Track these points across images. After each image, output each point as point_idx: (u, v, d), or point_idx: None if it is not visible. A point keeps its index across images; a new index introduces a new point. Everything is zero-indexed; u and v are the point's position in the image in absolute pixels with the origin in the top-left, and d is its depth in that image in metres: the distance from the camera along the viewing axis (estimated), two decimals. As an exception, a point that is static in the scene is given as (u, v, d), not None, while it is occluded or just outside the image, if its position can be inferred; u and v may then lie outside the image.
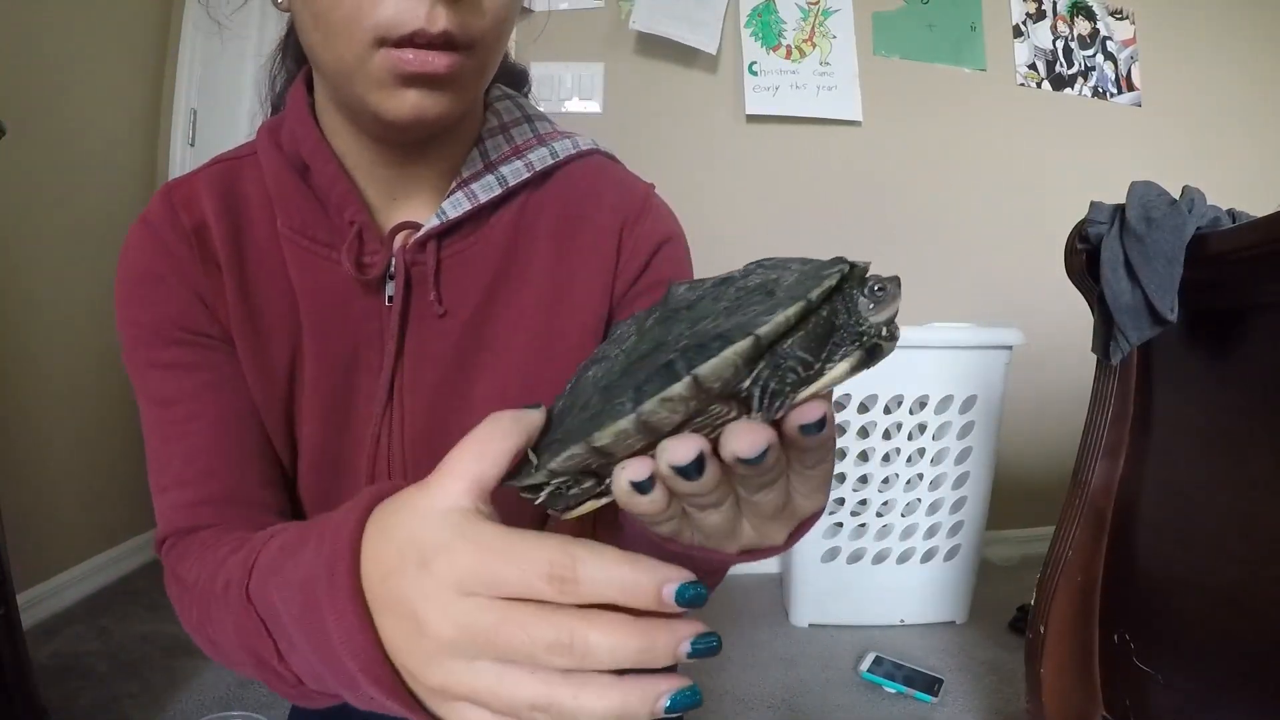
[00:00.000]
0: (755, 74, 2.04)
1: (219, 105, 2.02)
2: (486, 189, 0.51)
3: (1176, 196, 0.95)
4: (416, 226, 0.50)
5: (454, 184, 0.51)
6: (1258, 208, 0.93)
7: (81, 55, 1.68)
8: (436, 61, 0.39)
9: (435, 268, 0.50)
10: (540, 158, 0.53)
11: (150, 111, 1.98)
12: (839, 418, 1.66)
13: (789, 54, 2.06)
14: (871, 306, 0.28)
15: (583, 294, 0.53)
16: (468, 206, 0.50)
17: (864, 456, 1.70)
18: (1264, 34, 2.41)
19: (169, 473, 0.47)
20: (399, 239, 0.50)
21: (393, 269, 0.50)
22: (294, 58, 0.58)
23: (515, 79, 0.64)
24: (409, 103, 0.41)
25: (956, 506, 1.75)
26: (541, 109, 0.59)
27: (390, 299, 0.50)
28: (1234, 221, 0.93)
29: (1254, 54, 2.41)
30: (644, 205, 0.55)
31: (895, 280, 0.29)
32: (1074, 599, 1.09)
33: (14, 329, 1.54)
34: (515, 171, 0.52)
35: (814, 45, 2.07)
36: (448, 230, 0.50)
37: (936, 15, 2.15)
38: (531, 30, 2.03)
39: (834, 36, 2.08)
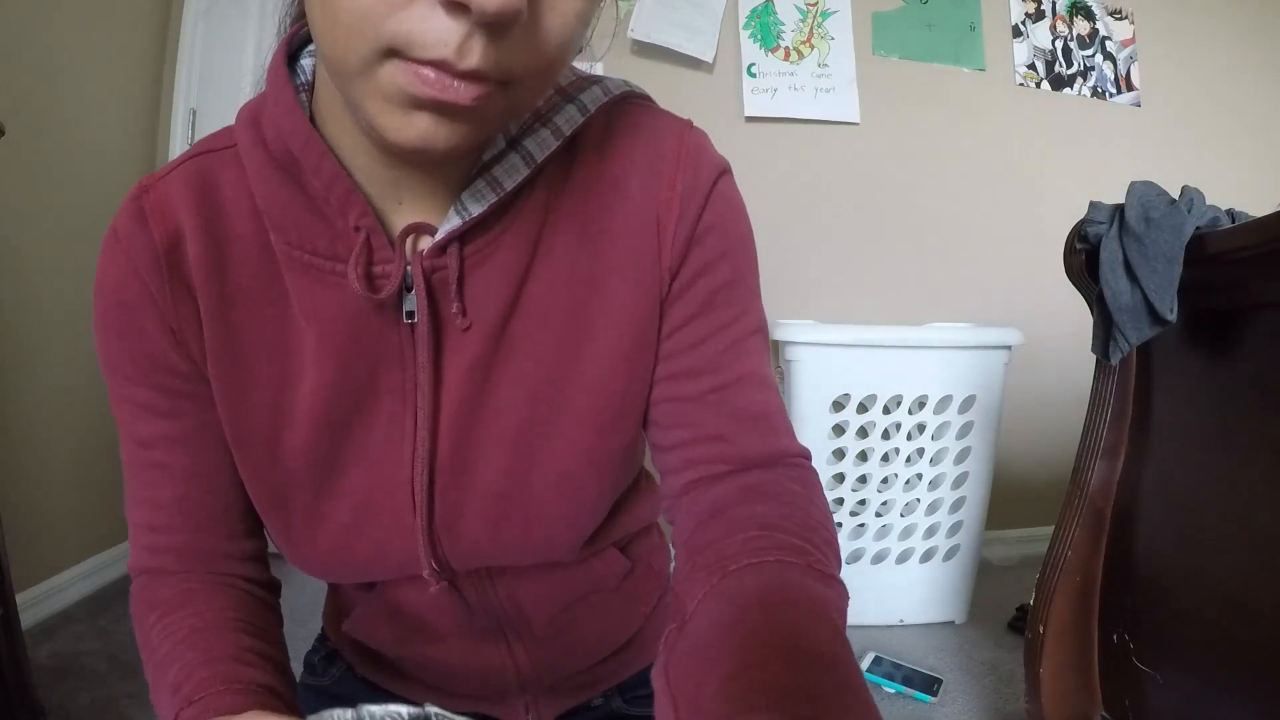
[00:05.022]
0: (754, 76, 2.04)
1: (219, 105, 2.02)
2: (511, 173, 0.42)
3: (1176, 196, 0.95)
4: (430, 229, 0.42)
5: (474, 169, 0.42)
6: (1257, 208, 0.93)
7: (81, 55, 1.68)
8: (461, 91, 0.31)
9: (458, 274, 0.42)
10: (568, 119, 0.44)
11: (150, 111, 1.98)
12: (838, 417, 1.66)
13: (787, 56, 2.06)
14: None
15: (616, 281, 0.45)
16: (492, 198, 0.42)
17: (863, 456, 1.70)
18: (1263, 34, 2.41)
19: (137, 512, 0.48)
20: (410, 241, 0.43)
21: (410, 280, 0.42)
22: None
23: None
24: (416, 129, 0.33)
25: (955, 506, 1.75)
26: None
27: (409, 314, 0.43)
28: (1233, 221, 0.93)
29: (1253, 54, 2.41)
30: (678, 154, 0.46)
31: None
32: (1073, 599, 1.09)
33: (13, 329, 1.54)
34: (542, 143, 0.43)
35: (812, 47, 2.07)
36: (470, 228, 0.42)
37: (936, 15, 2.15)
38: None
39: (832, 38, 2.08)
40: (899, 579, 1.76)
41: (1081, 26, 2.28)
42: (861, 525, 1.74)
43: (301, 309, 0.43)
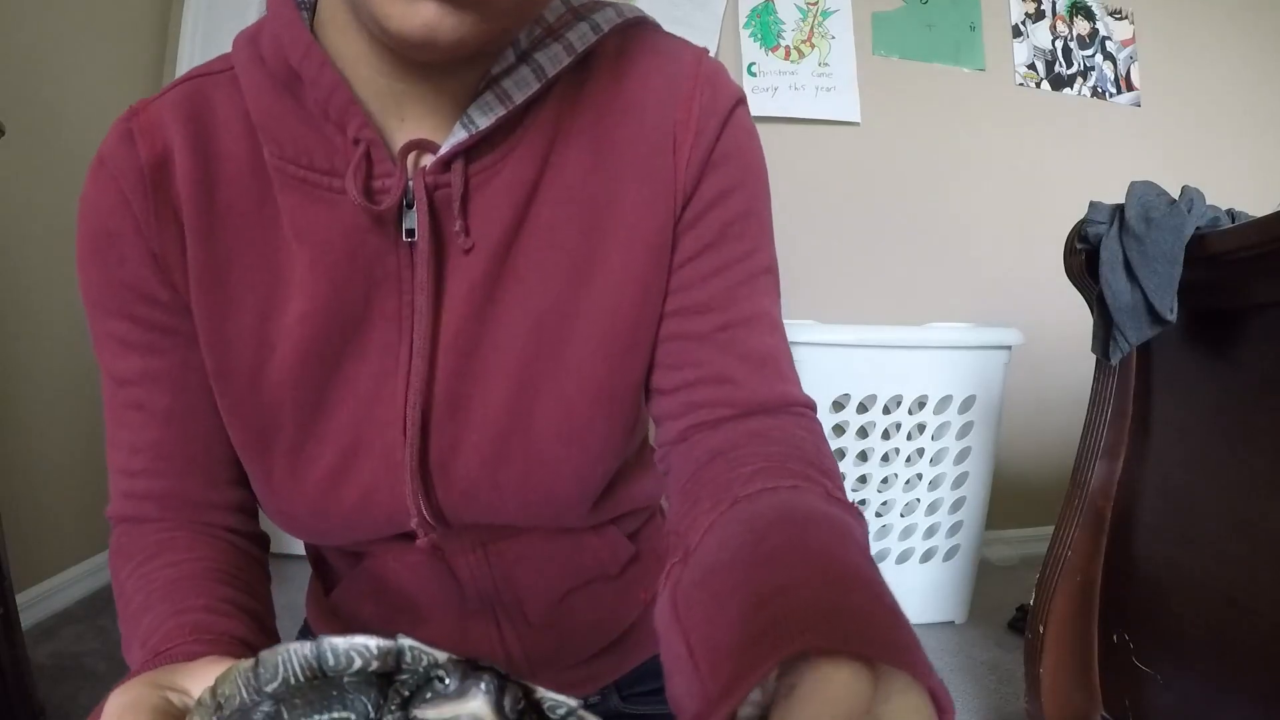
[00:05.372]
0: (754, 75, 2.04)
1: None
2: (521, 86, 0.40)
3: (1176, 196, 0.95)
4: (433, 146, 0.41)
5: (482, 83, 0.41)
6: (1257, 208, 0.93)
7: (81, 55, 1.68)
8: None
9: (463, 192, 0.41)
10: (580, 36, 0.42)
11: (149, 111, 1.98)
12: (838, 417, 1.66)
13: (788, 55, 2.06)
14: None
15: (630, 203, 0.43)
16: (501, 111, 0.40)
17: (863, 456, 1.70)
18: (1263, 34, 2.41)
19: (117, 456, 0.46)
20: (412, 157, 0.42)
21: (411, 196, 0.40)
22: None
23: None
24: (421, 16, 0.32)
25: (956, 506, 1.75)
26: None
27: (408, 233, 0.41)
28: (1233, 221, 0.93)
29: (1253, 54, 2.41)
30: (695, 76, 0.44)
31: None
32: (1073, 599, 1.09)
33: (12, 328, 1.54)
34: (553, 58, 0.41)
35: (813, 46, 2.08)
36: (475, 144, 0.40)
37: (936, 15, 2.15)
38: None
39: (833, 37, 2.08)
40: (899, 579, 1.76)
41: (1081, 26, 2.28)
42: (861, 525, 1.74)
43: (293, 229, 0.41)
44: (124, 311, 0.43)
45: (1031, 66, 2.23)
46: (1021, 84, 2.22)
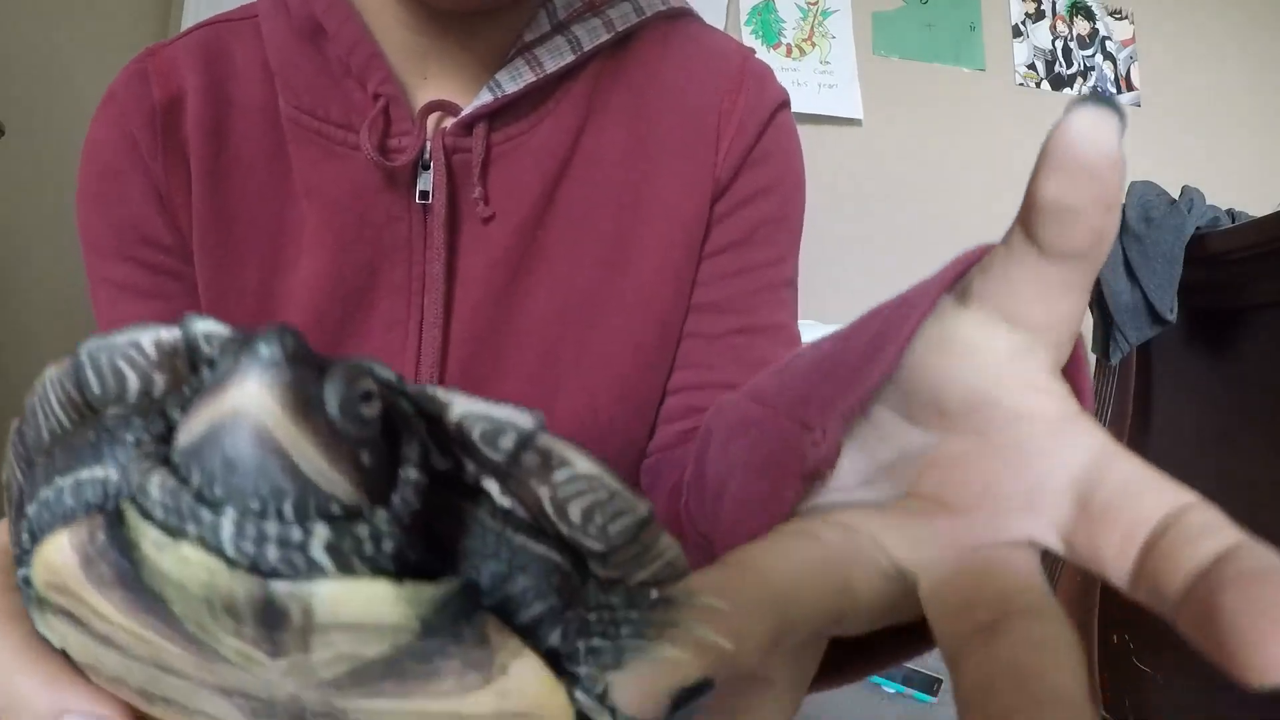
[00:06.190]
0: (755, 74, 2.05)
1: (218, 105, 2.02)
2: (555, 55, 0.39)
3: (1176, 196, 0.95)
4: (455, 108, 0.39)
5: (513, 49, 0.40)
6: (1257, 208, 0.93)
7: (81, 55, 1.68)
8: None
9: (483, 158, 0.39)
10: (622, 15, 0.41)
11: (149, 111, 1.98)
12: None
13: (789, 52, 2.07)
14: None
15: (667, 190, 0.42)
16: (530, 78, 0.39)
17: (863, 456, 1.70)
18: (1264, 35, 2.41)
19: None
20: (433, 120, 0.40)
21: (428, 157, 0.39)
22: None
23: None
24: None
25: (956, 506, 1.75)
26: None
27: (422, 195, 0.39)
28: (1233, 221, 0.93)
29: (1254, 54, 2.41)
30: (742, 71, 0.43)
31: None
32: (1073, 599, 1.10)
33: (13, 328, 1.54)
34: (592, 32, 0.40)
35: (813, 45, 2.08)
36: (501, 110, 0.39)
37: (936, 15, 2.15)
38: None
39: (833, 37, 2.08)
40: (899, 579, 1.76)
41: (1081, 26, 2.28)
42: (861, 525, 1.74)
43: (304, 184, 0.40)
44: (124, 253, 0.41)
45: (1031, 66, 2.23)
46: (1021, 84, 2.22)
